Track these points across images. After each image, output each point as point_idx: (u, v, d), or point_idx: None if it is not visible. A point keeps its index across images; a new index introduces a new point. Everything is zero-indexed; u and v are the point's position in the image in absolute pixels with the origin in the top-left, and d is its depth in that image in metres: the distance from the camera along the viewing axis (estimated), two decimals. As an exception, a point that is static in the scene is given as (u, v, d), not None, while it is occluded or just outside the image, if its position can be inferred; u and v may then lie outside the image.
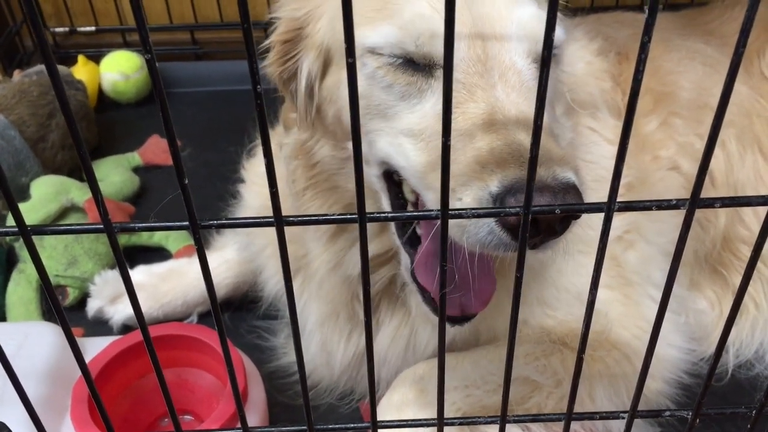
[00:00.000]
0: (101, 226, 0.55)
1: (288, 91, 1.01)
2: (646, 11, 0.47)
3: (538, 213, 0.55)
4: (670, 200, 0.55)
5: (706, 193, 1.24)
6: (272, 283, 1.28)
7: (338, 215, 0.55)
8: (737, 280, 1.26)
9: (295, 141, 1.04)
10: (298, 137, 1.03)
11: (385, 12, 0.84)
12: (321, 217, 0.55)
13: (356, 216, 0.53)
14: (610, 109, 1.19)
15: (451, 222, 0.70)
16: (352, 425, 0.72)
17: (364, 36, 0.84)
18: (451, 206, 0.52)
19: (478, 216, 0.52)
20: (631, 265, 1.14)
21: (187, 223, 0.56)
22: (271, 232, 1.24)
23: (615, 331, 1.10)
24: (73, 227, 0.59)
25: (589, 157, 1.14)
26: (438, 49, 0.81)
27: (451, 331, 1.09)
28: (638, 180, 1.15)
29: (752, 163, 1.24)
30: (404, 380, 1.08)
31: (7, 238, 1.45)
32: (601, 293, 1.13)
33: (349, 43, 0.45)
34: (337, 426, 0.70)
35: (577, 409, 1.07)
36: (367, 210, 0.51)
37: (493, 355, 1.09)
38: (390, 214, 0.54)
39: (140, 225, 0.57)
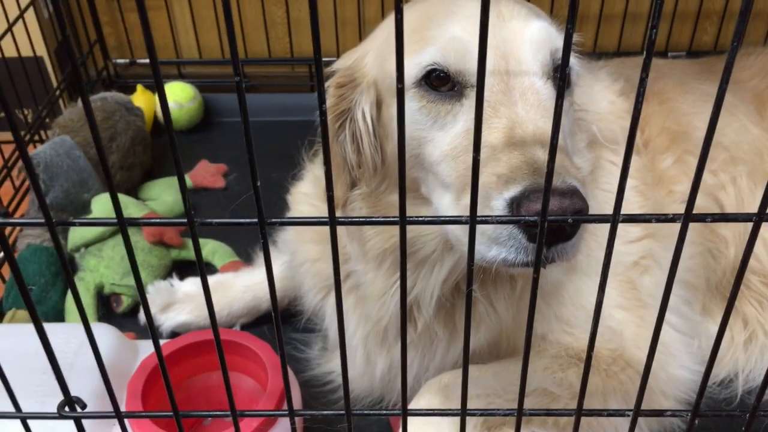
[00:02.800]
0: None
1: (337, 141, 1.08)
2: (644, 53, 0.58)
3: (553, 222, 0.64)
4: (667, 214, 0.64)
5: (717, 227, 1.32)
6: (309, 297, 1.37)
7: (382, 218, 0.65)
8: (747, 308, 1.33)
9: (361, 194, 1.10)
10: (365, 190, 1.09)
11: (423, 42, 0.95)
12: (367, 219, 0.65)
13: (398, 219, 0.64)
14: (630, 145, 1.29)
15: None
16: (385, 411, 0.81)
17: (406, 66, 0.95)
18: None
19: (502, 222, 0.62)
20: (646, 289, 1.22)
21: (256, 219, 0.66)
22: (309, 249, 1.34)
23: (629, 350, 1.18)
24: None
25: (608, 187, 1.23)
26: (471, 65, 0.92)
27: (472, 343, 1.18)
28: (653, 211, 1.24)
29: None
30: (430, 388, 1.16)
31: (68, 249, 1.58)
32: (617, 314, 1.21)
33: (399, 69, 0.56)
34: (372, 411, 0.79)
35: (591, 421, 1.15)
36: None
37: (514, 368, 1.17)
38: (427, 218, 0.64)
39: (217, 221, 0.67)
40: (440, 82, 0.94)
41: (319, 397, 1.36)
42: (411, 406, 1.14)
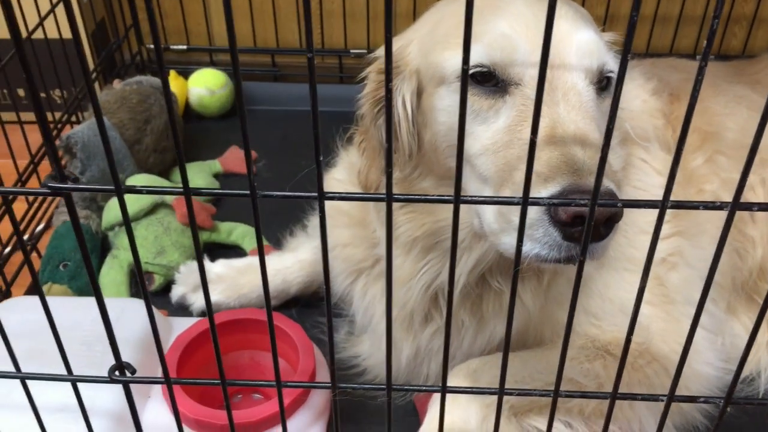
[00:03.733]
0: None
1: (375, 125, 1.12)
2: (699, 58, 0.60)
3: (602, 206, 0.67)
4: (715, 202, 0.66)
5: (745, 228, 1.34)
6: (338, 281, 1.40)
7: (437, 196, 0.68)
8: (772, 309, 1.34)
9: (396, 178, 1.12)
10: (398, 175, 1.12)
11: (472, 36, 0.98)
12: (423, 197, 0.68)
13: (452, 198, 0.66)
14: (661, 144, 1.31)
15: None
16: (425, 386, 0.83)
17: (452, 58, 0.97)
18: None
19: (554, 205, 0.64)
20: (674, 286, 1.24)
21: (316, 193, 0.68)
22: (341, 234, 1.36)
23: (655, 344, 1.20)
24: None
25: (639, 185, 1.25)
26: (517, 62, 0.93)
27: (499, 332, 1.20)
28: (683, 209, 1.26)
29: None
30: (458, 373, 1.19)
31: (102, 228, 1.61)
32: (644, 309, 1.23)
33: (466, 50, 0.58)
34: (412, 386, 0.82)
35: (617, 413, 1.17)
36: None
37: (541, 357, 1.20)
38: (481, 198, 0.67)
39: (278, 194, 0.70)
40: (484, 78, 0.96)
41: (345, 380, 1.38)
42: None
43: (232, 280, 1.49)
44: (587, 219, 0.67)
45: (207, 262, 1.55)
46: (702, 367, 1.23)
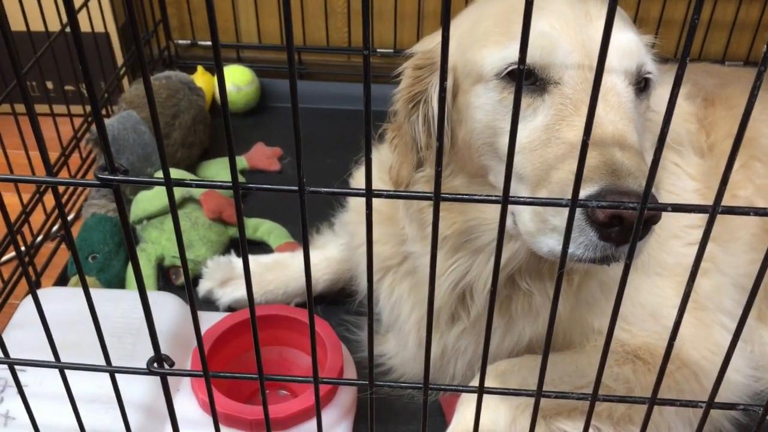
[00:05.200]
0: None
1: (409, 121, 1.12)
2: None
3: (652, 209, 0.66)
4: (766, 209, 0.66)
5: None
6: (364, 279, 1.40)
7: (485, 196, 0.68)
8: (801, 317, 1.34)
9: (424, 177, 1.13)
10: (429, 172, 1.12)
11: (509, 34, 0.97)
12: (470, 196, 0.68)
13: (500, 198, 0.66)
14: (695, 148, 1.30)
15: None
16: (462, 386, 0.83)
17: (490, 56, 0.97)
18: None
19: (602, 207, 0.64)
20: (705, 292, 1.23)
21: (363, 190, 0.68)
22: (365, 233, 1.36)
23: (686, 350, 1.19)
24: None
25: (672, 189, 1.24)
26: (556, 63, 0.93)
27: (527, 333, 1.20)
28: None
29: None
30: (487, 375, 1.18)
31: (131, 221, 1.62)
32: (675, 314, 1.23)
33: (523, 49, 0.58)
34: (450, 385, 0.82)
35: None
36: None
37: (570, 360, 1.19)
38: (528, 198, 0.67)
39: (326, 190, 0.70)
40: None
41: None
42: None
43: (259, 276, 1.49)
44: (636, 222, 0.66)
45: (233, 258, 1.56)
46: (732, 374, 1.22)
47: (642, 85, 0.99)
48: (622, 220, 0.81)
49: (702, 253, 0.69)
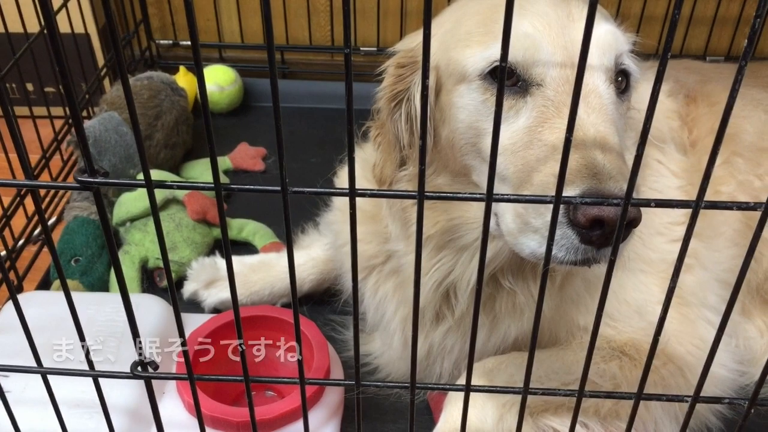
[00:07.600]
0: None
1: (391, 120, 1.11)
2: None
3: (635, 205, 0.66)
4: (749, 203, 0.66)
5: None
6: (348, 279, 1.39)
7: (469, 194, 0.67)
8: (786, 311, 1.35)
9: (407, 175, 1.13)
10: (412, 171, 1.12)
11: (492, 34, 0.97)
12: (455, 194, 0.68)
13: (484, 195, 0.66)
14: (677, 145, 1.31)
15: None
16: (449, 385, 0.83)
17: (473, 56, 0.97)
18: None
19: (587, 203, 0.64)
20: (689, 288, 1.24)
21: (347, 190, 0.68)
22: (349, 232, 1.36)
23: (671, 345, 1.20)
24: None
25: (655, 186, 1.25)
26: (539, 63, 0.93)
27: (512, 331, 1.20)
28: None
29: None
30: (474, 373, 1.18)
31: (113, 223, 1.60)
32: (660, 310, 1.23)
33: (504, 48, 0.58)
34: (437, 384, 0.82)
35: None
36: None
37: (556, 357, 1.20)
38: (512, 196, 0.66)
39: (309, 190, 0.69)
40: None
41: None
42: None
43: (244, 277, 1.49)
44: (620, 218, 0.67)
45: (218, 259, 1.55)
46: (717, 369, 1.23)
47: (623, 86, 0.99)
48: (603, 224, 0.81)
49: (686, 248, 0.69)
